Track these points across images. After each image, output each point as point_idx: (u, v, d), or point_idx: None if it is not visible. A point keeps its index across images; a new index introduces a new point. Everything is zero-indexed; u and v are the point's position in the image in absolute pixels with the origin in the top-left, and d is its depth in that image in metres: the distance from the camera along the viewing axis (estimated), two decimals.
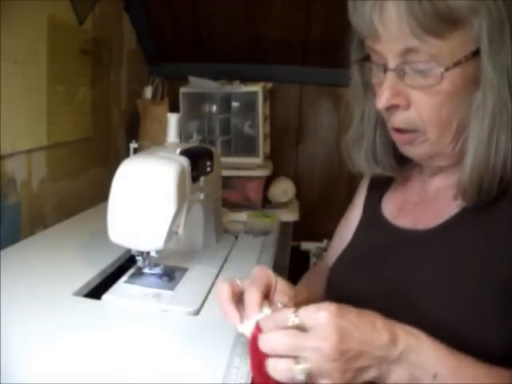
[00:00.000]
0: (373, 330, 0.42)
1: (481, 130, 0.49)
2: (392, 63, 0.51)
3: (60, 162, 1.16)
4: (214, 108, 1.46)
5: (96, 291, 0.77)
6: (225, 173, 1.12)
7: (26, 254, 0.88)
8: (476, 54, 0.48)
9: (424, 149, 0.56)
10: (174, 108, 1.43)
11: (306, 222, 1.48)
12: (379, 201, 0.70)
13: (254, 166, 1.44)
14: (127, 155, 0.76)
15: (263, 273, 0.52)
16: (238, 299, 0.51)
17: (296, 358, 0.41)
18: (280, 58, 1.60)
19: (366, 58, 0.56)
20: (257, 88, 1.42)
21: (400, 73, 0.51)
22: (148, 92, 1.50)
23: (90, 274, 0.80)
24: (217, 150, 1.09)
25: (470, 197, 0.53)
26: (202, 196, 0.83)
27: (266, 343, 0.42)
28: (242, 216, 1.29)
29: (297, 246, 1.62)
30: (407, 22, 0.47)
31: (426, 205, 0.61)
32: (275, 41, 1.54)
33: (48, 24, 1.03)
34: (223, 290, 0.51)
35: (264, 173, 1.45)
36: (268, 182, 1.53)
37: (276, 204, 1.52)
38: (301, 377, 0.40)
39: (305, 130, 1.72)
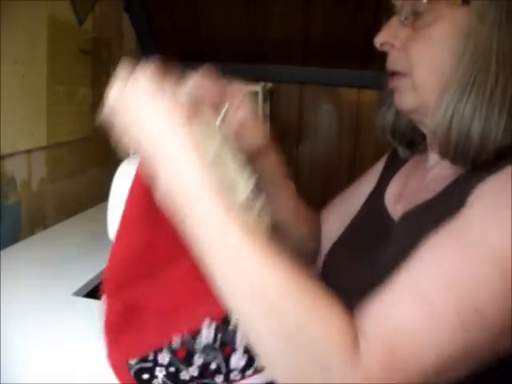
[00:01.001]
0: (153, 114, 0.46)
1: (461, 74, 0.50)
2: (397, 8, 0.56)
3: (60, 162, 1.16)
4: None
5: (96, 291, 0.77)
6: None
7: (26, 254, 0.88)
8: (468, 2, 0.51)
9: (409, 96, 0.57)
10: None
11: None
12: (388, 182, 0.70)
13: None
14: (127, 155, 0.76)
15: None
16: None
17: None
18: (280, 58, 1.60)
19: None
20: (257, 88, 1.42)
21: (402, 16, 0.55)
22: None
23: (90, 273, 0.80)
24: None
25: (439, 143, 0.53)
26: None
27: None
28: None
29: None
30: None
31: (417, 194, 0.62)
32: (275, 41, 1.54)
33: (48, 24, 1.03)
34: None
35: None
36: None
37: None
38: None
39: (305, 130, 1.72)
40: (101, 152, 1.39)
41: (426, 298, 0.39)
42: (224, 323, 0.52)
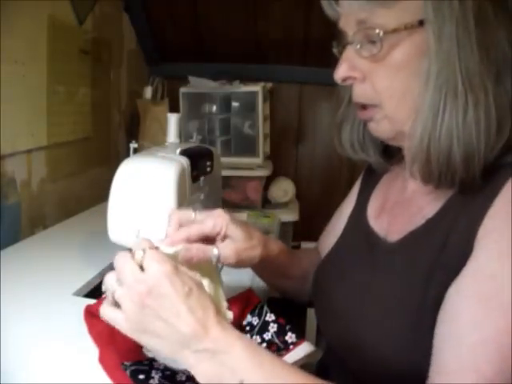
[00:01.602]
0: (187, 314, 0.43)
1: (430, 100, 0.48)
2: (350, 37, 0.53)
3: (60, 162, 1.16)
4: (214, 108, 1.46)
5: (96, 291, 0.77)
6: (225, 173, 1.12)
7: (26, 253, 0.88)
8: (423, 23, 0.48)
9: (385, 126, 0.55)
10: (173, 108, 1.43)
11: (305, 222, 1.48)
12: (368, 196, 0.69)
13: (253, 166, 1.44)
14: (127, 155, 0.76)
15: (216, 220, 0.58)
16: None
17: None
18: (280, 58, 1.60)
19: None
20: (257, 88, 1.42)
21: (356, 46, 0.52)
22: (148, 92, 1.50)
23: (90, 274, 0.80)
24: (217, 150, 1.09)
25: (417, 170, 0.51)
26: (201, 196, 0.83)
27: (116, 258, 0.47)
28: (242, 216, 1.29)
29: (297, 246, 1.62)
30: None
31: (401, 207, 0.60)
32: (275, 41, 1.54)
33: (48, 24, 1.03)
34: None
35: (264, 173, 1.45)
36: (268, 182, 1.53)
37: (276, 204, 1.52)
38: (108, 292, 0.46)
39: (305, 130, 1.72)
40: (101, 152, 1.39)
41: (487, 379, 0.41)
42: None
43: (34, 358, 0.56)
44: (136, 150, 0.79)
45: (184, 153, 0.77)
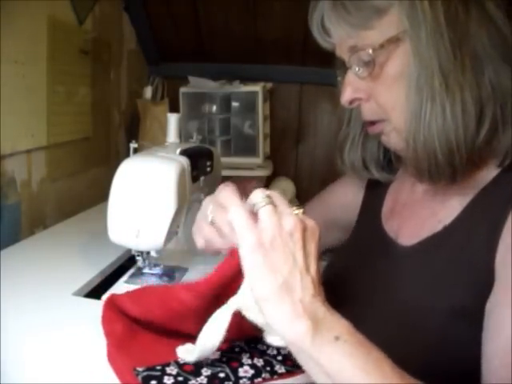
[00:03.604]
0: (315, 271, 0.43)
1: (413, 102, 0.51)
2: (347, 63, 0.57)
3: (60, 162, 1.16)
4: (214, 108, 1.46)
5: (96, 291, 0.77)
6: (225, 173, 1.12)
7: (26, 253, 0.88)
8: (403, 33, 0.52)
9: (395, 138, 0.58)
10: (173, 108, 1.43)
11: None
12: (381, 203, 0.70)
13: (254, 166, 1.44)
14: (127, 155, 0.76)
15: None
16: None
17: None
18: (280, 58, 1.60)
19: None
20: (257, 88, 1.42)
21: (354, 69, 0.56)
22: (148, 92, 1.50)
23: (90, 274, 0.80)
24: (217, 150, 1.09)
25: (413, 171, 0.55)
26: (202, 196, 0.83)
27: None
28: None
29: None
30: (339, 25, 0.55)
31: (411, 209, 0.62)
32: (275, 41, 1.54)
33: (48, 24, 1.03)
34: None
35: (264, 173, 1.45)
36: (268, 182, 1.53)
37: None
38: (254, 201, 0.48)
39: (305, 130, 1.72)
40: (101, 152, 1.39)
41: None
42: (230, 347, 0.55)
43: (34, 359, 0.56)
44: (136, 150, 0.79)
45: (184, 153, 0.77)
